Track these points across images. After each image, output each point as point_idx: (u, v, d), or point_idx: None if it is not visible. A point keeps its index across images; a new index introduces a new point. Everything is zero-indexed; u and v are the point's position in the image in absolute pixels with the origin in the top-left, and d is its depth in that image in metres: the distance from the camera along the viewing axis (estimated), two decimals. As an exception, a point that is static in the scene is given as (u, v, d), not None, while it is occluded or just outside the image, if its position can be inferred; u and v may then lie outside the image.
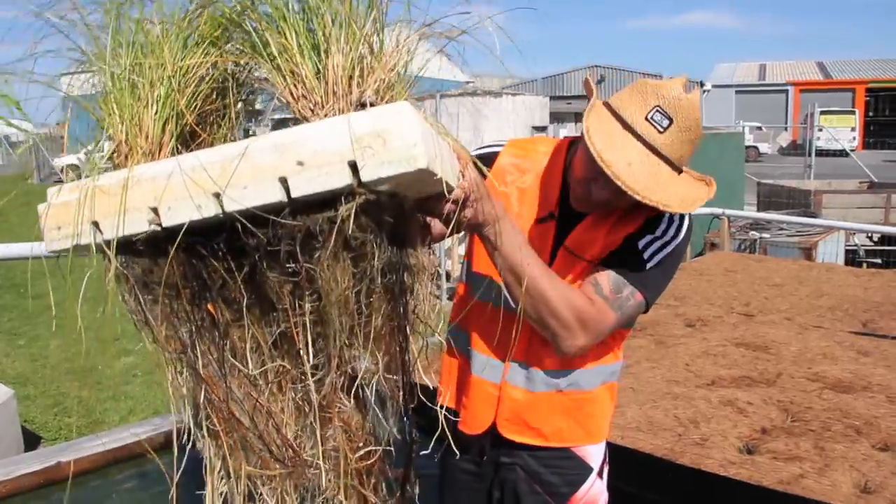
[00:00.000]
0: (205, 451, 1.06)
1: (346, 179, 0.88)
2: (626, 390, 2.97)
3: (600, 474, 1.64)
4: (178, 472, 1.07)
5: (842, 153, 22.06)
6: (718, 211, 6.75)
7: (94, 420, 4.90)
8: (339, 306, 0.95)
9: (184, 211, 0.91)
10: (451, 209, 1.07)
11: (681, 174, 1.37)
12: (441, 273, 7.83)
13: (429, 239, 1.11)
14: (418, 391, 1.14)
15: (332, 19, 0.97)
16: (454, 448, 1.24)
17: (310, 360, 0.98)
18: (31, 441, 4.44)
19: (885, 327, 4.05)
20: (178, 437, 1.06)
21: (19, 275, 8.71)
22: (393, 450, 1.13)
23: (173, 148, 1.01)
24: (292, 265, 0.94)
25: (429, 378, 1.16)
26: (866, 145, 35.01)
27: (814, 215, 9.24)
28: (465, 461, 1.67)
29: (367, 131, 0.88)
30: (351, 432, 1.06)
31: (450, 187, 1.00)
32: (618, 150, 1.30)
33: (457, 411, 1.65)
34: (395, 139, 0.87)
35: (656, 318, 4.11)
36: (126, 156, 0.99)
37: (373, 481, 1.10)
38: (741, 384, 3.12)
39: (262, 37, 1.01)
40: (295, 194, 0.89)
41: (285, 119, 1.06)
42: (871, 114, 40.11)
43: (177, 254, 0.94)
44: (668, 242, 1.46)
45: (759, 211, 10.93)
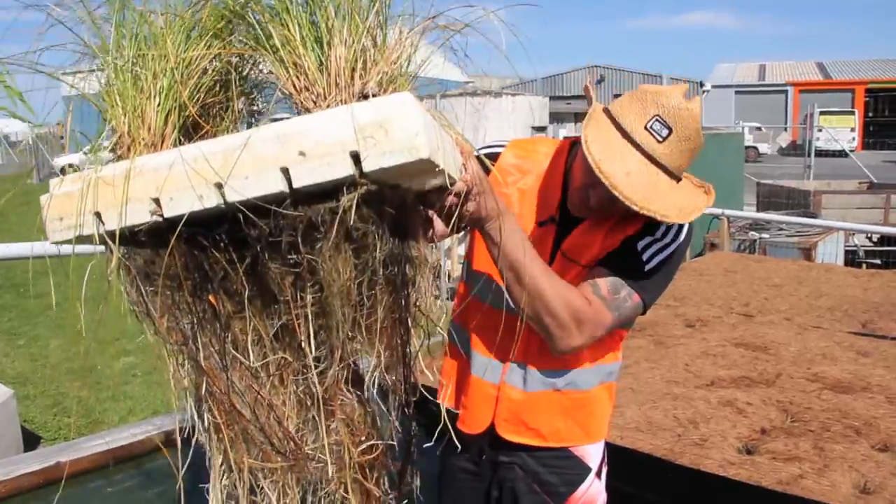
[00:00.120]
0: (207, 444, 1.06)
1: (347, 170, 0.88)
2: (626, 390, 2.97)
3: (599, 474, 1.64)
4: (184, 468, 1.06)
5: (841, 153, 22.08)
6: (718, 211, 6.76)
7: (94, 420, 4.90)
8: (342, 297, 0.94)
9: (185, 201, 0.91)
10: (453, 202, 1.06)
11: (680, 182, 1.37)
12: (442, 272, 7.83)
13: (431, 233, 1.11)
14: (420, 387, 1.15)
15: (335, 11, 0.97)
16: (454, 446, 1.24)
17: (312, 353, 0.98)
18: (31, 441, 4.44)
19: (885, 328, 4.04)
20: (180, 433, 1.06)
21: (19, 274, 8.71)
22: (395, 444, 1.13)
23: (176, 140, 1.01)
24: (294, 256, 0.94)
25: (430, 375, 1.16)
26: (866, 146, 35.03)
27: (813, 216, 9.24)
28: (463, 460, 1.67)
29: (369, 121, 0.87)
30: (353, 426, 1.06)
31: (452, 180, 1.00)
32: (616, 159, 1.30)
33: (456, 410, 1.65)
34: (397, 129, 0.87)
35: (656, 318, 4.11)
36: (128, 147, 0.99)
37: (375, 475, 1.10)
38: (740, 384, 3.12)
39: (265, 29, 1.00)
40: (297, 185, 0.89)
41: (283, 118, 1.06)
42: (870, 114, 40.13)
43: (178, 245, 0.94)
44: (667, 245, 1.46)
45: (758, 211, 10.93)
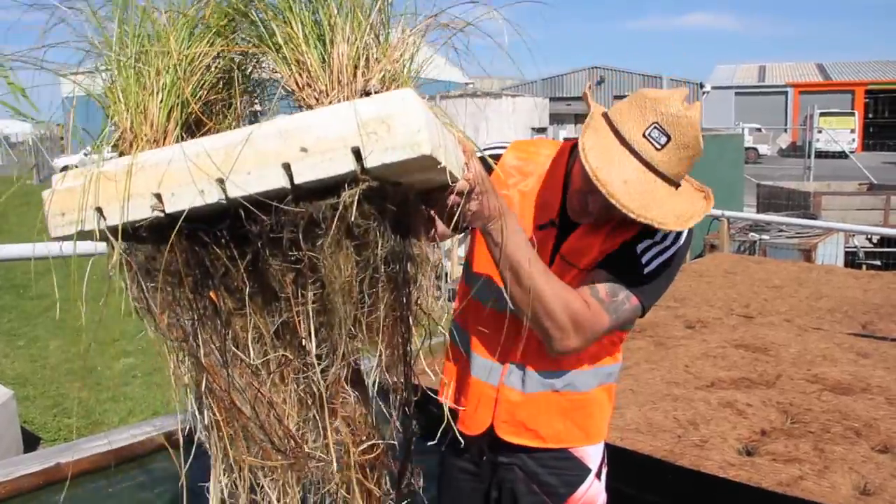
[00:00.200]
0: (207, 442, 1.06)
1: (349, 166, 0.88)
2: (626, 392, 2.97)
3: (598, 475, 1.64)
4: (186, 467, 1.06)
5: (841, 155, 22.10)
6: (718, 213, 6.76)
7: (94, 421, 4.89)
8: (343, 295, 0.94)
9: (187, 197, 0.91)
10: (455, 201, 1.06)
11: (679, 188, 1.37)
12: (442, 273, 7.81)
13: (433, 232, 1.10)
14: (421, 386, 1.14)
15: (337, 8, 0.97)
16: (454, 446, 1.24)
17: (313, 350, 0.97)
18: (31, 442, 4.44)
19: (885, 329, 4.05)
20: (181, 433, 1.06)
21: (19, 275, 8.71)
22: (396, 443, 1.13)
23: (178, 136, 1.01)
24: (295, 253, 0.93)
25: (431, 375, 1.16)
26: (866, 147, 35.06)
27: (813, 217, 9.24)
28: (463, 460, 1.67)
29: (371, 117, 0.87)
30: (354, 425, 1.06)
31: (454, 178, 0.99)
32: (614, 167, 1.30)
33: (456, 411, 1.65)
34: (399, 125, 0.87)
35: (656, 319, 4.11)
36: (131, 143, 0.99)
37: (376, 475, 1.10)
38: (740, 386, 3.12)
39: (268, 26, 1.00)
40: (298, 181, 0.89)
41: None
42: (870, 115, 40.16)
43: (179, 241, 0.94)
44: (666, 248, 1.46)
45: (758, 212, 10.94)
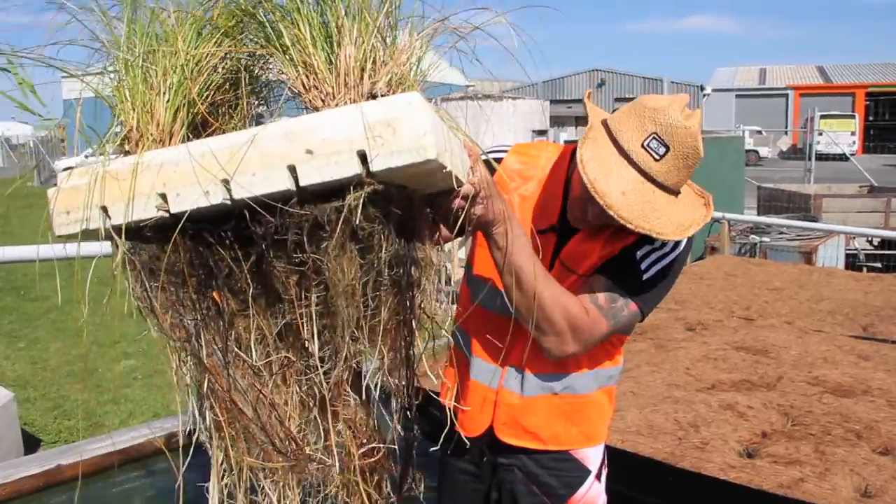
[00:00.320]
0: (208, 442, 1.06)
1: (354, 169, 0.87)
2: (627, 394, 2.97)
3: (598, 477, 1.64)
4: (183, 467, 1.06)
5: (842, 157, 22.10)
6: (718, 215, 6.77)
7: (94, 423, 4.89)
8: (346, 298, 0.94)
9: (192, 197, 0.91)
10: (460, 205, 1.06)
11: (679, 195, 1.36)
12: (443, 276, 7.82)
13: (437, 236, 1.10)
14: (423, 389, 1.14)
15: (345, 11, 0.97)
16: (455, 446, 1.24)
17: (316, 352, 0.97)
18: (31, 444, 4.44)
19: (885, 331, 4.05)
20: (182, 435, 1.06)
21: (20, 277, 8.72)
22: (397, 448, 1.12)
23: (184, 136, 1.01)
24: (299, 255, 0.93)
25: (433, 378, 1.16)
26: (866, 149, 35.07)
27: (814, 219, 9.25)
28: (464, 461, 1.67)
29: (378, 120, 0.87)
30: (355, 428, 1.06)
31: (459, 182, 0.99)
32: (612, 178, 1.29)
33: (456, 412, 1.65)
34: (405, 129, 0.87)
35: (657, 322, 4.11)
36: (136, 142, 0.99)
37: (376, 479, 1.10)
38: (741, 388, 3.12)
39: (276, 28, 1.00)
40: (303, 183, 0.89)
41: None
42: (871, 118, 40.17)
43: (184, 241, 0.94)
44: (666, 254, 1.45)
45: (759, 215, 10.95)
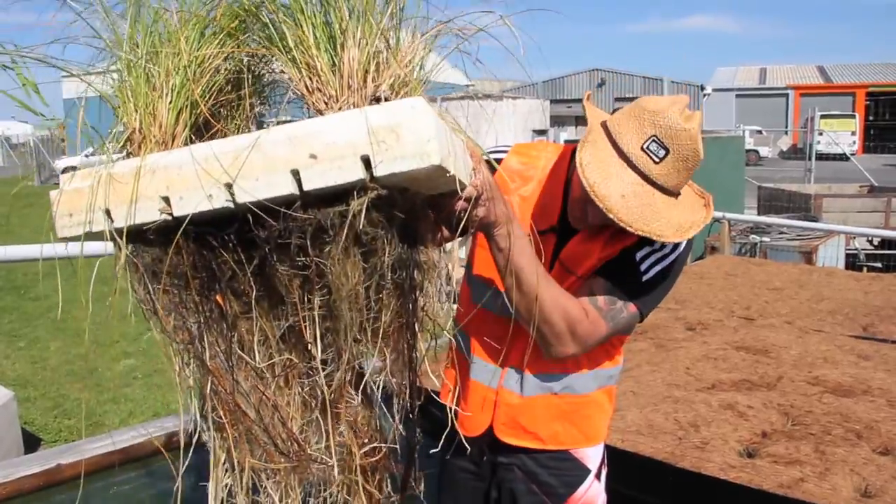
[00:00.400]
0: (210, 443, 1.06)
1: (358, 174, 0.87)
2: (627, 394, 2.97)
3: (598, 476, 1.64)
4: (183, 467, 1.06)
5: (842, 157, 22.09)
6: (719, 215, 6.77)
7: (94, 422, 4.90)
8: (349, 301, 0.94)
9: (195, 201, 0.91)
10: (463, 207, 1.06)
11: (679, 197, 1.36)
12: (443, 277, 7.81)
13: (439, 237, 1.10)
14: (425, 390, 1.15)
15: (349, 12, 0.96)
16: (454, 447, 1.24)
17: (318, 355, 0.97)
18: (31, 443, 4.44)
19: (886, 331, 4.05)
20: (183, 434, 1.06)
21: (20, 277, 8.73)
22: (398, 447, 1.13)
23: (187, 138, 1.01)
24: (302, 259, 0.93)
25: (434, 380, 1.16)
26: (866, 149, 35.06)
27: (814, 219, 9.25)
28: (464, 460, 1.67)
29: (381, 125, 0.87)
30: (357, 429, 1.06)
31: (462, 185, 0.99)
32: (612, 181, 1.29)
33: (456, 412, 1.65)
34: (409, 134, 0.87)
35: (657, 321, 4.11)
36: (139, 144, 0.99)
37: (377, 478, 1.10)
38: (741, 388, 3.11)
39: (279, 29, 1.00)
40: (307, 187, 0.88)
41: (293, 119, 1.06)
42: (871, 118, 40.16)
43: (187, 244, 0.94)
44: (666, 255, 1.46)
45: (759, 215, 10.94)
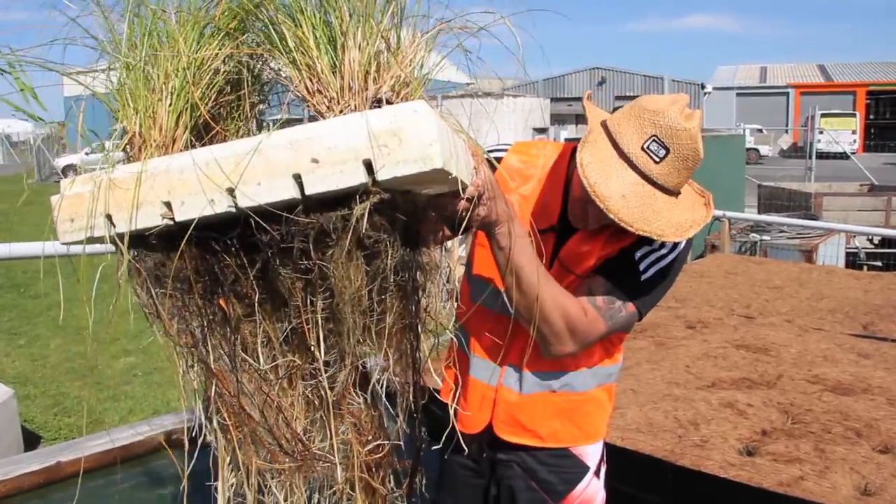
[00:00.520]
0: (215, 444, 1.06)
1: (360, 178, 0.87)
2: (627, 392, 2.97)
3: (597, 473, 1.65)
4: (189, 468, 1.06)
5: (842, 156, 22.09)
6: (719, 213, 6.76)
7: (94, 420, 4.90)
8: (352, 304, 0.94)
9: (197, 206, 0.91)
10: (464, 207, 1.07)
11: (679, 196, 1.36)
12: (443, 275, 7.81)
13: (440, 236, 1.11)
14: (429, 389, 1.15)
15: (349, 13, 0.96)
16: (454, 444, 1.24)
17: (322, 357, 0.98)
18: (31, 441, 4.44)
19: (886, 330, 4.04)
20: (185, 433, 1.06)
21: (20, 275, 8.73)
22: (402, 444, 1.13)
23: (187, 141, 1.01)
24: (305, 262, 0.93)
25: (437, 379, 1.16)
26: (867, 148, 35.03)
27: (814, 218, 9.24)
28: (463, 457, 1.67)
29: (383, 129, 0.87)
30: (361, 427, 1.06)
31: (464, 185, 0.99)
32: (612, 181, 1.29)
33: (455, 410, 1.65)
34: (411, 138, 0.86)
35: (657, 319, 4.11)
36: (139, 148, 0.98)
37: (381, 474, 1.11)
38: (741, 386, 3.11)
39: (279, 30, 1.00)
40: (309, 192, 0.88)
41: (292, 119, 1.06)
42: (871, 117, 40.13)
43: (189, 248, 0.94)
44: (665, 255, 1.46)
45: (759, 213, 10.94)
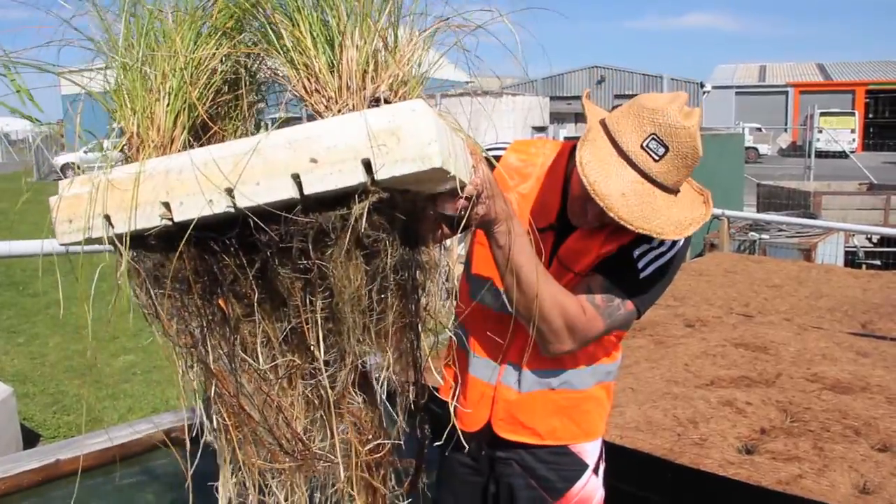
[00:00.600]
0: (215, 445, 1.06)
1: (359, 177, 0.87)
2: (626, 390, 2.98)
3: (596, 471, 1.65)
4: (192, 467, 1.06)
5: (841, 155, 22.11)
6: (718, 212, 6.76)
7: (93, 418, 4.90)
8: (352, 304, 0.94)
9: (195, 206, 0.91)
10: (463, 205, 1.07)
11: (678, 194, 1.37)
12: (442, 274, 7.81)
13: (439, 234, 1.11)
14: (429, 387, 1.15)
15: (346, 13, 0.96)
16: (453, 442, 1.25)
17: (321, 357, 0.98)
18: (30, 439, 4.44)
19: (884, 328, 4.05)
20: (185, 432, 1.06)
21: (18, 273, 8.72)
22: (403, 443, 1.13)
23: (185, 141, 1.00)
24: (304, 262, 0.93)
25: (438, 378, 1.16)
26: (866, 147, 35.05)
27: (813, 216, 9.25)
28: (462, 455, 1.67)
29: (382, 129, 0.87)
30: (361, 426, 1.06)
31: (463, 184, 0.99)
32: (612, 179, 1.29)
33: (454, 408, 1.65)
34: (410, 137, 0.86)
35: (656, 318, 4.11)
36: (137, 148, 0.98)
37: (382, 473, 1.11)
38: (740, 384, 3.12)
39: (276, 29, 0.99)
40: (308, 191, 0.88)
41: (292, 118, 1.05)
42: (870, 115, 40.16)
43: (188, 248, 0.94)
44: (663, 253, 1.46)
45: (758, 212, 10.93)
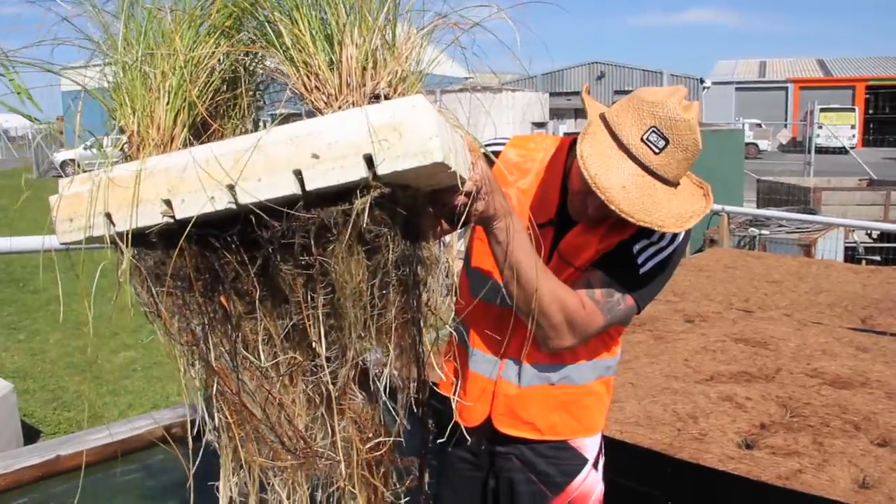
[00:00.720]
0: (217, 442, 1.06)
1: (361, 173, 0.87)
2: (625, 385, 2.98)
3: (595, 466, 1.66)
4: (195, 467, 1.06)
5: (841, 150, 22.10)
6: (718, 207, 6.76)
7: (94, 414, 4.90)
8: (354, 299, 0.94)
9: (197, 203, 0.91)
10: (462, 201, 1.07)
11: (678, 187, 1.37)
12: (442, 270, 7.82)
13: (439, 230, 1.11)
14: (431, 383, 1.15)
15: (346, 10, 0.96)
16: (454, 437, 1.25)
17: (323, 353, 0.98)
18: (31, 435, 4.45)
19: (884, 324, 4.05)
20: (185, 428, 1.07)
21: (19, 269, 8.73)
22: (403, 440, 1.13)
23: (185, 139, 1.00)
24: (306, 258, 0.93)
25: (440, 373, 1.16)
26: (866, 143, 35.04)
27: (813, 212, 9.25)
28: (462, 449, 1.68)
29: (383, 124, 0.87)
30: (361, 424, 1.07)
31: (462, 180, 1.00)
32: (612, 172, 1.30)
33: (455, 402, 1.66)
34: (411, 132, 0.87)
35: (655, 313, 4.11)
36: (138, 147, 0.98)
37: (382, 471, 1.11)
38: (740, 380, 3.12)
39: (276, 27, 1.00)
40: (309, 187, 0.89)
41: (293, 114, 1.05)
42: (870, 111, 40.11)
43: (189, 246, 0.94)
44: (663, 248, 1.46)
45: (758, 208, 10.94)
